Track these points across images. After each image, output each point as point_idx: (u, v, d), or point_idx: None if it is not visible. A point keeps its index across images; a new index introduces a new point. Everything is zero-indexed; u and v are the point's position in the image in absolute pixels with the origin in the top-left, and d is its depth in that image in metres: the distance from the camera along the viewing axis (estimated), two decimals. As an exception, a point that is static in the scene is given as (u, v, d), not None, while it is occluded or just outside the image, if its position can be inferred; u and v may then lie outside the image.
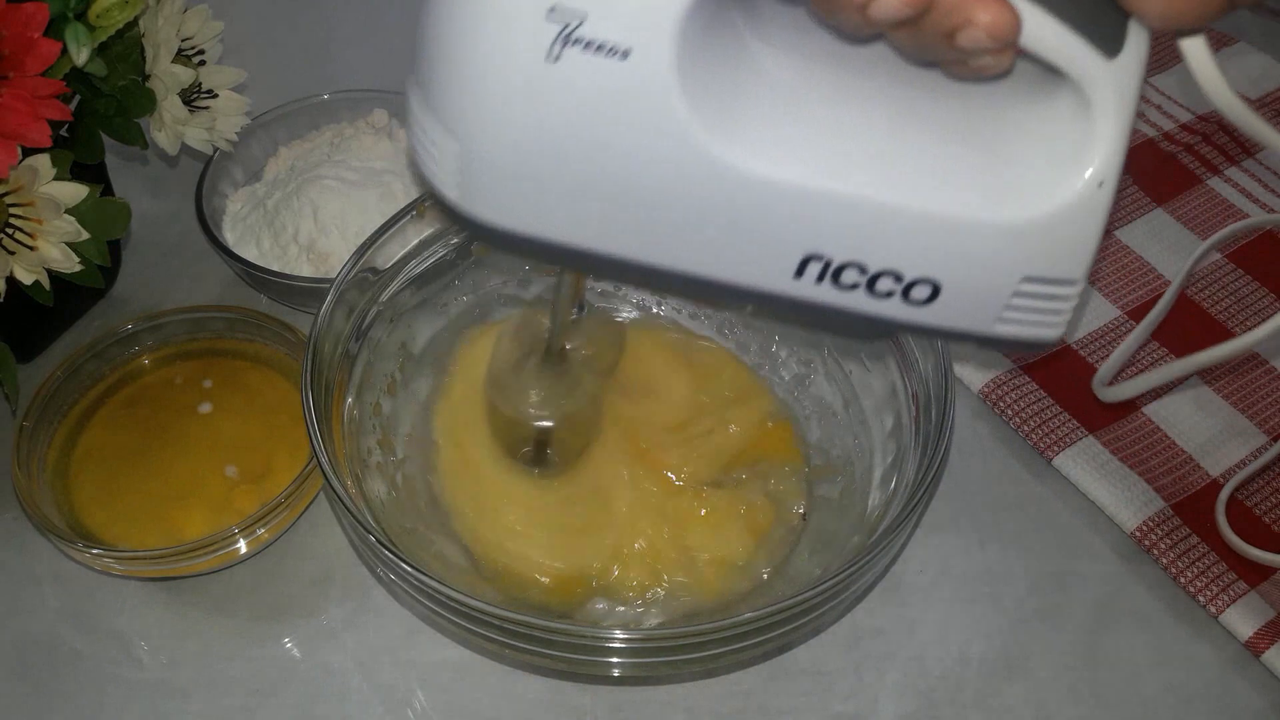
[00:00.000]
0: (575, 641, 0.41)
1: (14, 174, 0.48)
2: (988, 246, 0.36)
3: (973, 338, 0.39)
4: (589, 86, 0.33)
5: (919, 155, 0.36)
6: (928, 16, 0.31)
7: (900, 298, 0.37)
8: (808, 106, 0.36)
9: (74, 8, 0.50)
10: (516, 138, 0.34)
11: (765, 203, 0.35)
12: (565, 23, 0.32)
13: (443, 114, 0.35)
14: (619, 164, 0.34)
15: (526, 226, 0.37)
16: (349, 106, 0.68)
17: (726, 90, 0.34)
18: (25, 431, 0.53)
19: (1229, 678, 0.49)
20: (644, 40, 0.32)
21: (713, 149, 0.34)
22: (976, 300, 0.38)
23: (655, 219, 0.36)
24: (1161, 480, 0.54)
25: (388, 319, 0.53)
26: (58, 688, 0.49)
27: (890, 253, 0.36)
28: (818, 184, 0.35)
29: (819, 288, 0.37)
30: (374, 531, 0.42)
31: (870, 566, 0.42)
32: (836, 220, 0.36)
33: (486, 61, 0.33)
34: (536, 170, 0.35)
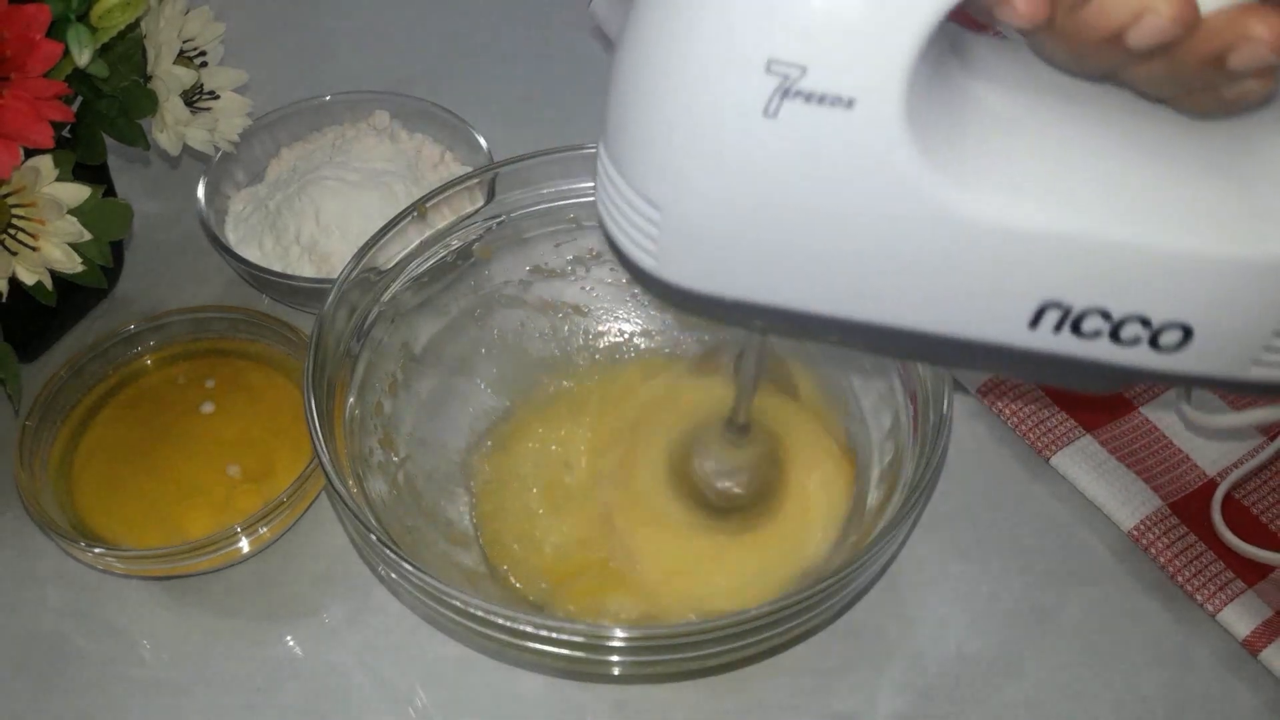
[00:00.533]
0: (575, 640, 0.41)
1: (16, 175, 0.48)
2: (1244, 285, 0.33)
3: (1223, 383, 0.36)
4: (810, 140, 0.31)
5: (1163, 190, 0.33)
6: (1190, 39, 0.29)
7: (1148, 344, 0.35)
8: (1037, 145, 0.33)
9: (76, 9, 0.50)
10: (726, 198, 0.32)
11: (999, 250, 0.33)
12: (784, 75, 0.29)
13: (639, 178, 0.33)
14: (841, 218, 0.32)
15: (732, 290, 0.35)
16: (350, 108, 0.69)
17: (953, 134, 0.32)
18: (28, 431, 0.53)
19: (1226, 676, 0.50)
20: (870, 89, 0.30)
21: (942, 196, 0.32)
22: (1232, 343, 0.35)
23: (877, 274, 0.34)
24: (1159, 479, 0.54)
25: (389, 319, 0.53)
26: (61, 686, 0.50)
27: (1136, 297, 0.33)
28: (1054, 225, 0.32)
29: (1057, 338, 0.35)
30: (375, 531, 0.42)
31: (869, 565, 0.42)
32: (1075, 263, 0.33)
33: (696, 122, 0.31)
34: (747, 231, 0.33)
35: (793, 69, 0.29)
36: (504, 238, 0.56)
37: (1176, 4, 0.28)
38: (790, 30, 0.29)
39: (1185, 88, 0.32)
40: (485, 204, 0.55)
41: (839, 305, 0.35)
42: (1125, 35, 0.29)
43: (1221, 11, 0.29)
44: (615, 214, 0.35)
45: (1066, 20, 0.30)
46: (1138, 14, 0.28)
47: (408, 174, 0.64)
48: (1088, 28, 0.29)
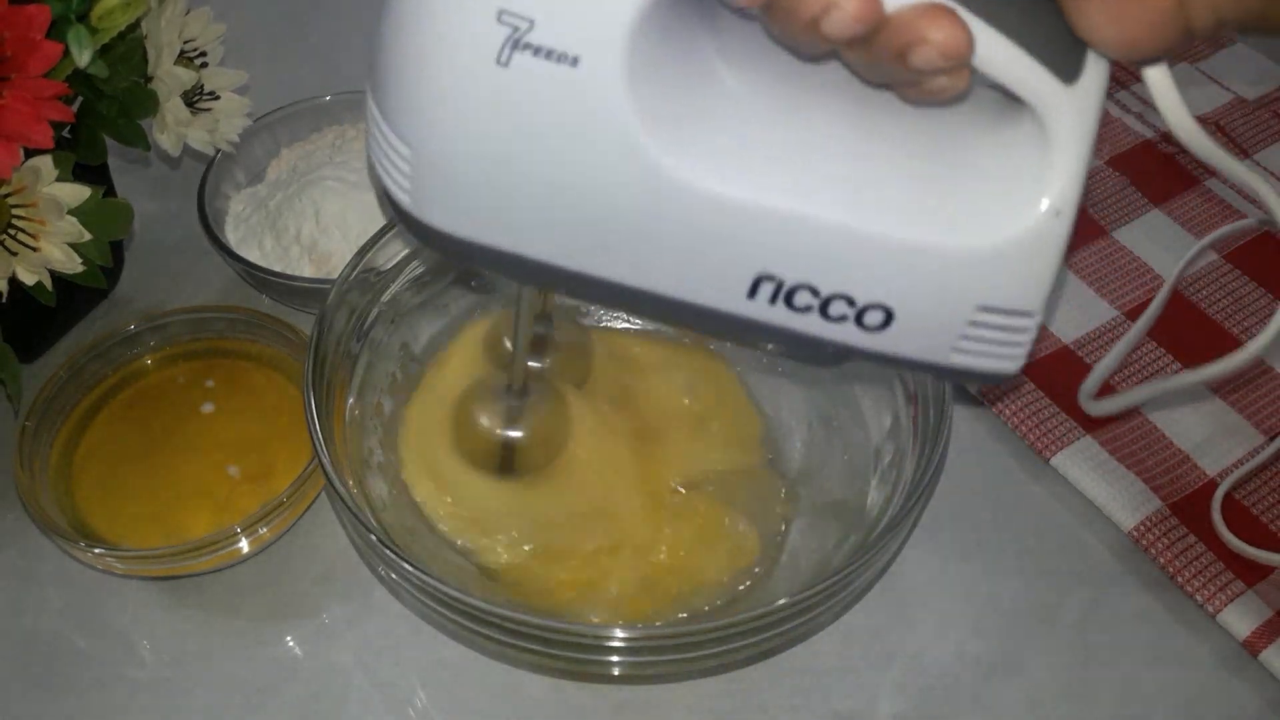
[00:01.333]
0: (575, 640, 0.41)
1: (16, 175, 0.48)
2: (941, 273, 0.36)
3: (929, 368, 0.38)
4: (538, 93, 0.32)
5: (874, 178, 0.35)
6: (880, 35, 0.31)
7: (854, 323, 0.37)
8: (764, 124, 0.35)
9: (76, 10, 0.50)
10: (465, 142, 0.34)
11: (716, 220, 0.35)
12: (514, 26, 0.31)
13: (394, 118, 0.35)
14: (568, 173, 0.34)
15: (476, 234, 0.36)
16: (350, 108, 0.69)
17: (680, 102, 0.34)
18: (28, 431, 0.53)
19: (1226, 677, 0.50)
20: (593, 48, 0.32)
21: (662, 162, 0.33)
22: (931, 329, 0.37)
23: (605, 231, 0.35)
24: (1159, 480, 0.54)
25: (389, 319, 0.53)
26: (61, 686, 0.50)
27: (842, 276, 0.36)
28: (769, 202, 0.34)
29: (772, 309, 0.37)
30: (375, 531, 0.42)
31: (869, 566, 0.42)
32: (788, 240, 0.35)
33: (435, 64, 0.33)
34: (485, 176, 0.35)
35: (521, 21, 0.31)
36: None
37: (858, 3, 0.30)
38: None
39: (889, 78, 0.33)
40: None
41: (573, 258, 0.36)
42: (819, 24, 0.31)
43: (905, 10, 0.31)
44: (377, 151, 0.36)
45: (781, 4, 0.31)
46: (826, 7, 0.30)
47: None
48: (792, 15, 0.31)
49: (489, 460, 0.52)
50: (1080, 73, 0.33)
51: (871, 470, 0.50)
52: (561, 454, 0.52)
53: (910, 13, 0.30)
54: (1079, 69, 0.33)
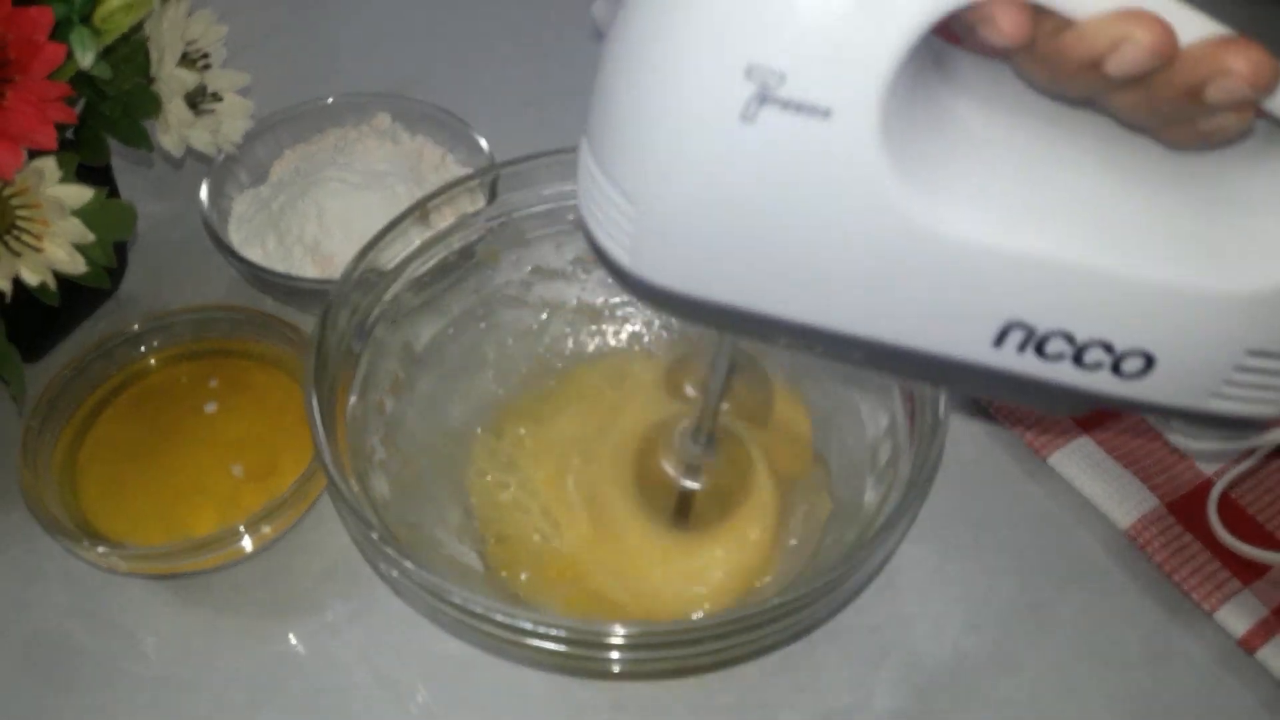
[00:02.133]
0: (576, 637, 0.41)
1: (20, 176, 0.49)
2: (1209, 317, 0.33)
3: (1183, 414, 0.36)
4: (784, 147, 0.31)
5: (1134, 217, 0.33)
6: (1167, 70, 0.29)
7: (1109, 370, 0.35)
8: (1014, 165, 0.33)
9: (79, 11, 0.50)
10: (701, 199, 0.32)
11: (966, 266, 0.33)
12: (764, 82, 0.30)
13: (618, 174, 0.33)
14: (811, 225, 0.32)
15: (703, 290, 0.35)
16: (353, 110, 0.69)
17: (928, 149, 0.32)
18: (32, 431, 0.53)
19: (1222, 675, 0.50)
20: (847, 99, 0.30)
21: (915, 210, 0.32)
22: (1193, 375, 0.35)
23: (845, 283, 0.34)
24: (1155, 479, 0.55)
25: (391, 319, 0.53)
26: (65, 683, 0.50)
27: (1101, 322, 0.34)
28: (1022, 246, 0.32)
29: (1020, 358, 0.35)
30: (377, 529, 0.43)
31: (866, 563, 0.43)
32: (1041, 285, 0.33)
33: (676, 122, 0.31)
34: (719, 233, 0.33)
35: (772, 75, 0.30)
36: (505, 238, 0.56)
37: (1155, 34, 0.28)
38: (772, 36, 0.29)
39: (1163, 118, 0.32)
40: (487, 205, 0.55)
41: (807, 312, 0.35)
42: (1104, 63, 0.29)
43: (1200, 44, 0.29)
44: (593, 208, 0.35)
45: (1047, 44, 0.30)
46: (1116, 43, 0.28)
47: (409, 175, 0.65)
48: (1068, 52, 0.29)
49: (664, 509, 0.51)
50: None
51: (868, 468, 0.51)
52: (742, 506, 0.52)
53: (1206, 45, 0.29)
54: None
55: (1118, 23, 0.28)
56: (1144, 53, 0.28)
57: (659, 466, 0.51)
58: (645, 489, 0.52)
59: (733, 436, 0.52)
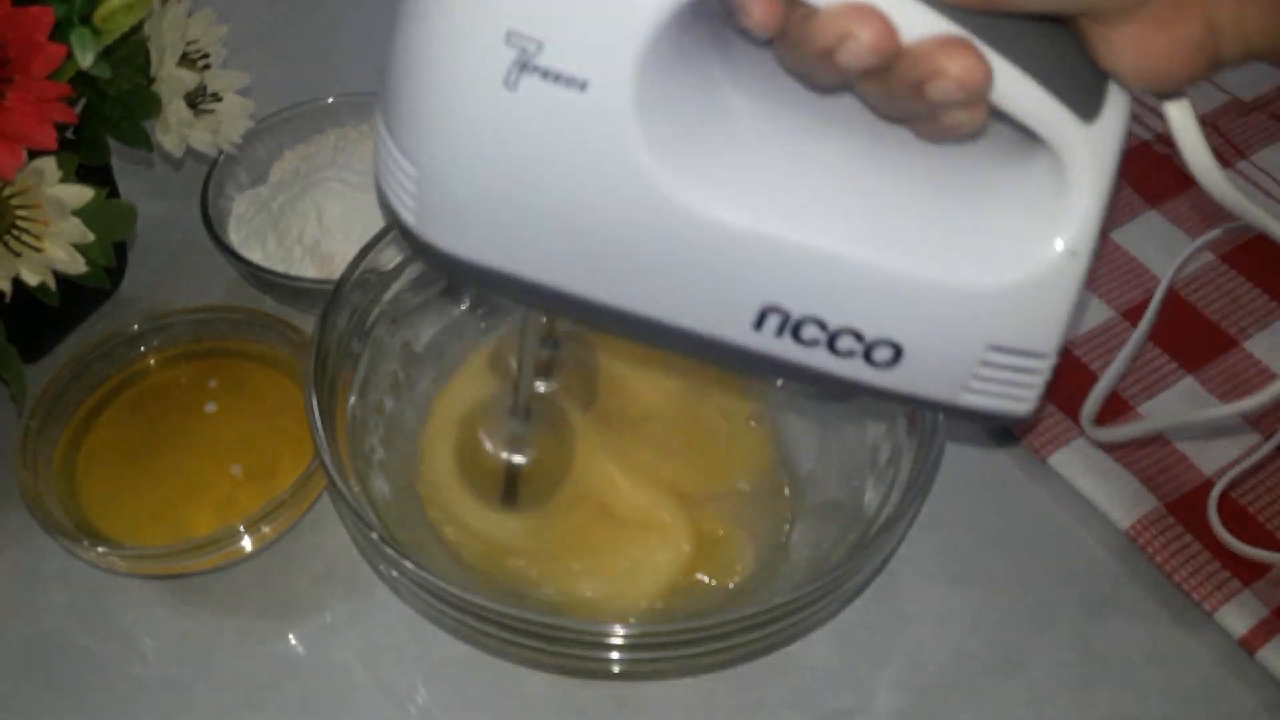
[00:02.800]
0: (576, 637, 0.41)
1: (20, 176, 0.49)
2: (953, 311, 0.35)
3: (939, 406, 0.38)
4: (546, 116, 0.32)
5: (885, 210, 0.34)
6: (896, 66, 0.30)
7: (862, 359, 0.36)
8: (774, 153, 0.34)
9: (79, 11, 0.50)
10: (472, 164, 0.33)
11: (722, 248, 0.34)
12: (522, 49, 0.31)
13: (401, 136, 0.34)
14: (574, 197, 0.33)
15: (480, 256, 0.36)
16: (353, 110, 0.69)
17: (690, 130, 0.33)
18: (31, 431, 0.53)
19: (1223, 675, 0.50)
20: (602, 72, 0.31)
21: (670, 189, 0.33)
22: (941, 367, 0.36)
23: (610, 256, 0.35)
24: (1155, 479, 0.55)
25: (390, 319, 0.53)
26: (64, 685, 0.50)
27: (850, 310, 0.35)
28: (777, 233, 0.34)
29: (779, 341, 0.36)
30: (376, 529, 0.43)
31: (866, 564, 0.43)
32: (796, 272, 0.34)
33: (443, 84, 0.32)
34: (490, 198, 0.34)
35: (530, 43, 0.31)
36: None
37: (874, 32, 0.29)
38: (530, 4, 0.30)
39: (905, 112, 0.33)
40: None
41: (576, 283, 0.36)
42: (833, 55, 0.30)
43: (923, 42, 0.30)
44: (383, 168, 0.36)
45: (795, 33, 0.31)
46: (842, 38, 0.30)
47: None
48: (806, 43, 0.31)
49: (493, 489, 0.51)
50: (1100, 110, 0.32)
51: (868, 469, 0.51)
52: (565, 483, 0.52)
53: (927, 45, 0.30)
54: (1099, 107, 0.32)
55: (844, 17, 0.30)
56: (864, 49, 0.30)
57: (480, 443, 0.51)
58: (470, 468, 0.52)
59: (556, 410, 0.52)
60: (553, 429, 0.52)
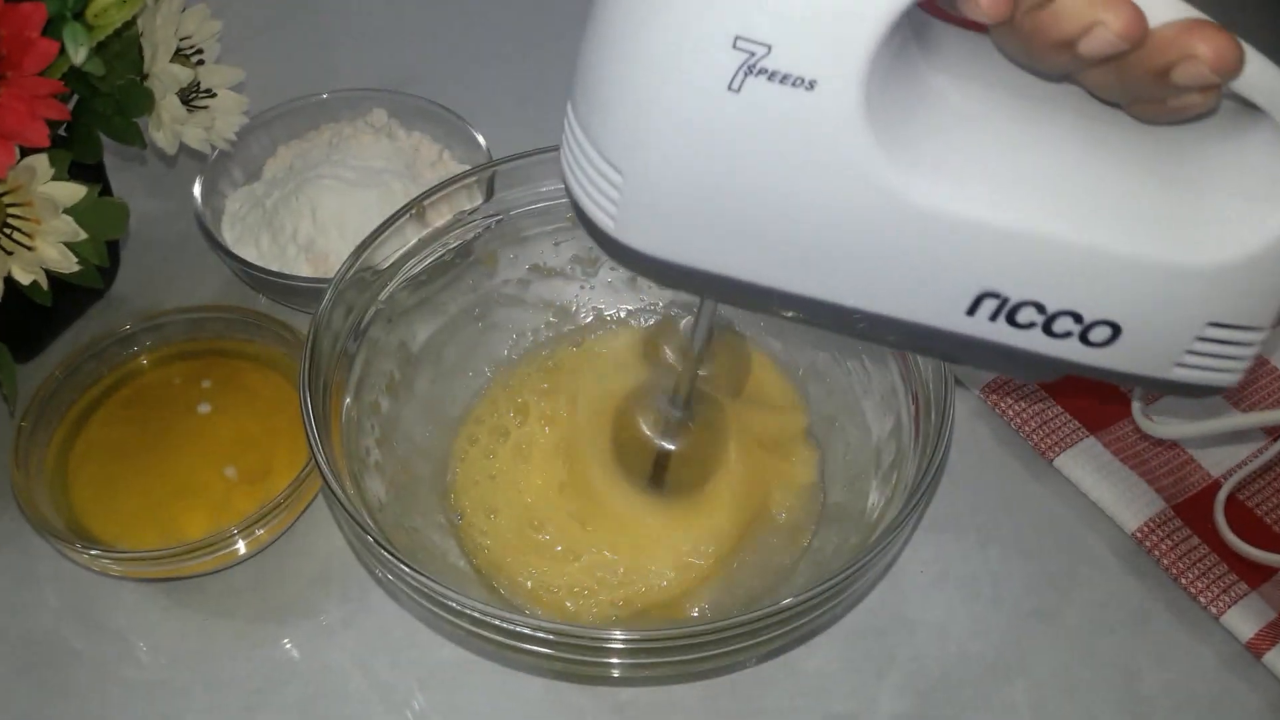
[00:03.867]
0: (574, 642, 0.41)
1: (12, 174, 0.48)
2: (1173, 289, 0.35)
3: (1146, 382, 0.38)
4: (770, 117, 0.31)
5: (1105, 192, 0.34)
6: (1140, 51, 0.30)
7: (1078, 339, 0.36)
8: (990, 139, 0.34)
9: (72, 7, 0.50)
10: (688, 168, 0.33)
11: (944, 238, 0.34)
12: (750, 52, 0.30)
13: (605, 143, 0.34)
14: (795, 195, 0.33)
15: (688, 258, 0.35)
16: (348, 106, 0.68)
17: (909, 121, 0.33)
18: (24, 432, 0.53)
19: (1229, 679, 0.49)
20: (831, 72, 0.31)
21: (895, 182, 0.33)
22: (1157, 344, 0.36)
23: (827, 252, 0.35)
24: (1162, 481, 0.54)
25: (386, 318, 0.53)
26: (58, 688, 0.49)
27: (1071, 293, 0.35)
28: (997, 218, 0.33)
29: (993, 326, 0.36)
30: (371, 532, 0.42)
31: (870, 567, 0.42)
32: (1015, 257, 0.34)
33: (663, 91, 0.32)
34: (705, 201, 0.34)
35: (758, 47, 0.30)
36: (502, 236, 0.56)
37: (1125, 19, 0.29)
38: (758, 8, 0.30)
39: (1134, 96, 0.32)
40: (484, 202, 0.54)
41: (788, 280, 0.36)
42: (1076, 44, 0.30)
43: (1169, 26, 0.30)
44: (579, 175, 0.35)
45: (1025, 20, 0.31)
46: (1088, 26, 0.29)
47: (405, 172, 0.64)
48: (1043, 31, 0.30)
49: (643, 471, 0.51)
50: None
51: (873, 471, 0.50)
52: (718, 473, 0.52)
53: (1174, 28, 0.29)
54: None
55: (1091, 5, 0.29)
56: (1114, 37, 0.29)
57: (637, 428, 0.51)
58: (623, 452, 0.52)
59: (711, 401, 0.52)
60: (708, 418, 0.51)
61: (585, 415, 0.54)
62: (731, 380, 0.54)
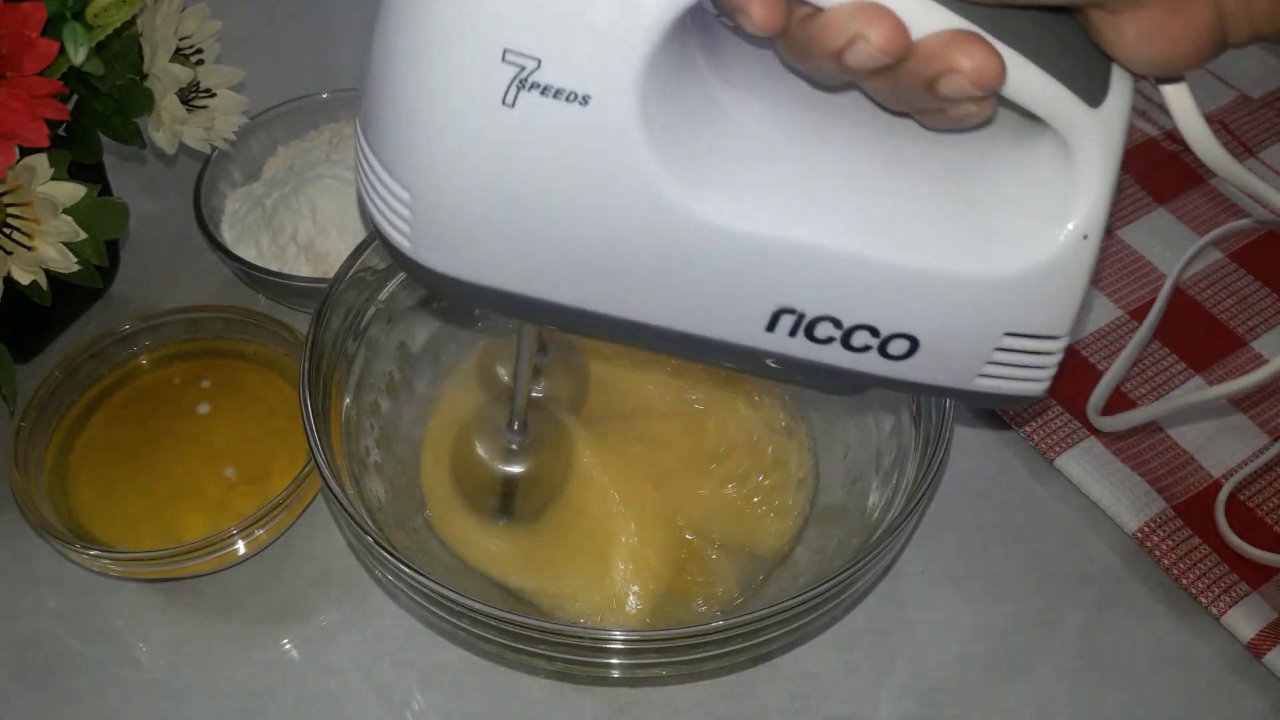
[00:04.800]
0: (574, 642, 0.41)
1: (11, 174, 0.48)
2: (967, 301, 0.35)
3: (952, 393, 0.38)
4: (547, 132, 0.31)
5: (895, 205, 0.34)
6: (906, 64, 0.30)
7: (877, 353, 0.36)
8: (778, 154, 0.34)
9: (71, 7, 0.50)
10: (471, 185, 0.33)
11: (733, 254, 0.34)
12: (520, 66, 0.30)
13: (391, 162, 0.33)
14: (579, 213, 0.33)
15: (482, 277, 0.35)
16: (347, 105, 0.68)
17: (692, 137, 0.33)
18: (23, 432, 0.52)
19: (1230, 679, 0.49)
20: (604, 86, 0.30)
21: (678, 198, 0.32)
22: (956, 356, 0.36)
23: (619, 270, 0.34)
24: (1163, 481, 0.54)
25: (385, 318, 0.53)
26: (56, 688, 0.49)
27: (865, 307, 0.35)
28: (787, 235, 0.33)
29: (792, 341, 0.36)
30: (371, 532, 0.42)
31: (870, 567, 0.42)
32: (808, 273, 0.34)
33: (438, 106, 0.31)
34: (491, 219, 0.33)
35: (528, 60, 0.30)
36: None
37: (885, 33, 0.29)
38: (525, 20, 0.30)
39: (913, 106, 0.32)
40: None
41: (583, 298, 0.35)
42: (842, 56, 0.30)
43: (936, 37, 0.30)
44: (373, 195, 0.35)
45: (798, 32, 0.31)
46: (851, 39, 0.29)
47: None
48: (814, 42, 0.30)
49: (489, 501, 0.51)
50: (1106, 94, 0.32)
51: (873, 471, 0.50)
52: (564, 493, 0.51)
53: (938, 40, 0.30)
54: (1104, 90, 0.32)
55: (854, 18, 0.29)
56: (875, 50, 0.29)
57: (476, 457, 0.50)
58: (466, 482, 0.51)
59: (552, 420, 0.51)
60: (549, 439, 0.51)
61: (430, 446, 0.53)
62: (571, 395, 0.53)
